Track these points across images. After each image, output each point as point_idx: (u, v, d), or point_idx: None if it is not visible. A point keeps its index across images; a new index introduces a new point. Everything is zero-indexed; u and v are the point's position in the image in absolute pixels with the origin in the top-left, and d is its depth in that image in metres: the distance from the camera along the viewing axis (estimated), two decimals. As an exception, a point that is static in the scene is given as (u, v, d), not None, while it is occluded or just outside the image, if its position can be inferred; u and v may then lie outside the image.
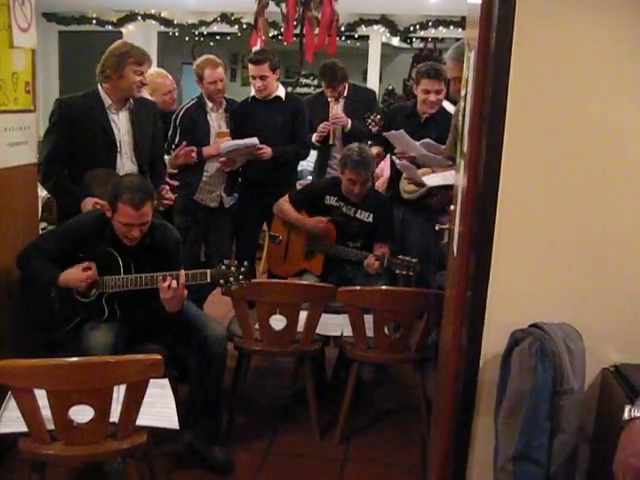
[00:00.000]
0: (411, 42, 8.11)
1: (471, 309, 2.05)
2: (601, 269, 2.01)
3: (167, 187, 3.68)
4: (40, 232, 3.44)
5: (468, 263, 2.08)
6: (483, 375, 2.08)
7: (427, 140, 3.79)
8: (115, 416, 2.26)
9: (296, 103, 4.41)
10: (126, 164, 3.41)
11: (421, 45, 8.58)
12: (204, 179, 4.19)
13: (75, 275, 2.80)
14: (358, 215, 3.75)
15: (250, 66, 4.25)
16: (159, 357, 2.23)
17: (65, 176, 3.36)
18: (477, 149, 2.07)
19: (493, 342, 2.05)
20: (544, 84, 1.95)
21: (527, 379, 1.86)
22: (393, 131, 3.83)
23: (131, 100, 3.44)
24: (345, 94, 4.68)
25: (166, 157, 3.99)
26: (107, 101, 3.38)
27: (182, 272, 2.80)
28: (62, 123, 3.32)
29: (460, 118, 2.62)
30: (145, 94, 3.90)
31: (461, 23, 7.16)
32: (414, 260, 3.45)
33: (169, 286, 2.75)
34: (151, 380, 2.24)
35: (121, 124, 3.42)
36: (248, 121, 4.24)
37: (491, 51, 1.96)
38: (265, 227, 4.60)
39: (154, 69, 4.54)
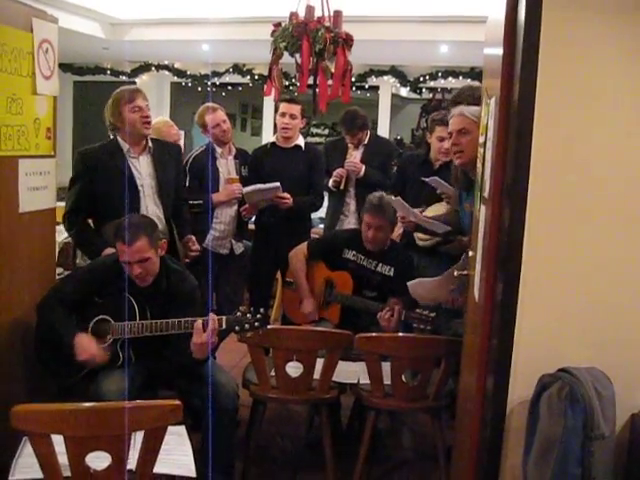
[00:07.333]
0: (420, 92, 8.21)
1: (497, 356, 2.03)
2: (629, 313, 1.99)
3: (193, 238, 3.66)
4: (57, 277, 3.44)
5: (493, 309, 2.06)
6: (510, 421, 2.05)
7: (435, 178, 3.77)
8: (132, 463, 2.22)
9: (315, 153, 4.46)
10: (150, 206, 3.44)
11: (430, 95, 8.68)
12: (215, 226, 4.15)
13: (89, 346, 2.82)
14: (379, 269, 3.72)
15: (283, 104, 4.30)
16: (178, 403, 2.20)
17: (88, 226, 3.46)
18: (500, 195, 2.08)
19: (520, 388, 2.02)
20: (567, 128, 1.97)
21: (557, 424, 1.83)
22: (392, 197, 3.80)
23: (150, 144, 3.49)
24: (365, 142, 4.77)
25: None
26: (125, 146, 3.43)
27: (214, 316, 2.77)
28: (84, 173, 3.40)
29: (479, 165, 2.63)
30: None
31: (470, 73, 7.27)
32: (432, 314, 3.41)
33: (204, 330, 2.73)
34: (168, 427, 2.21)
35: (142, 168, 3.46)
36: (266, 166, 4.28)
37: (514, 99, 1.99)
38: (278, 275, 4.59)
39: (161, 118, 4.59)
